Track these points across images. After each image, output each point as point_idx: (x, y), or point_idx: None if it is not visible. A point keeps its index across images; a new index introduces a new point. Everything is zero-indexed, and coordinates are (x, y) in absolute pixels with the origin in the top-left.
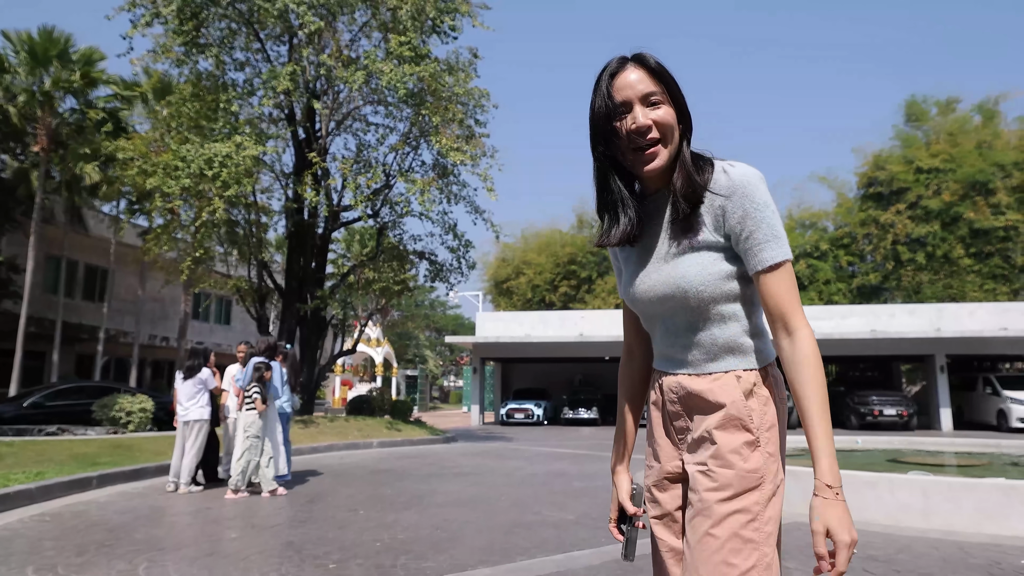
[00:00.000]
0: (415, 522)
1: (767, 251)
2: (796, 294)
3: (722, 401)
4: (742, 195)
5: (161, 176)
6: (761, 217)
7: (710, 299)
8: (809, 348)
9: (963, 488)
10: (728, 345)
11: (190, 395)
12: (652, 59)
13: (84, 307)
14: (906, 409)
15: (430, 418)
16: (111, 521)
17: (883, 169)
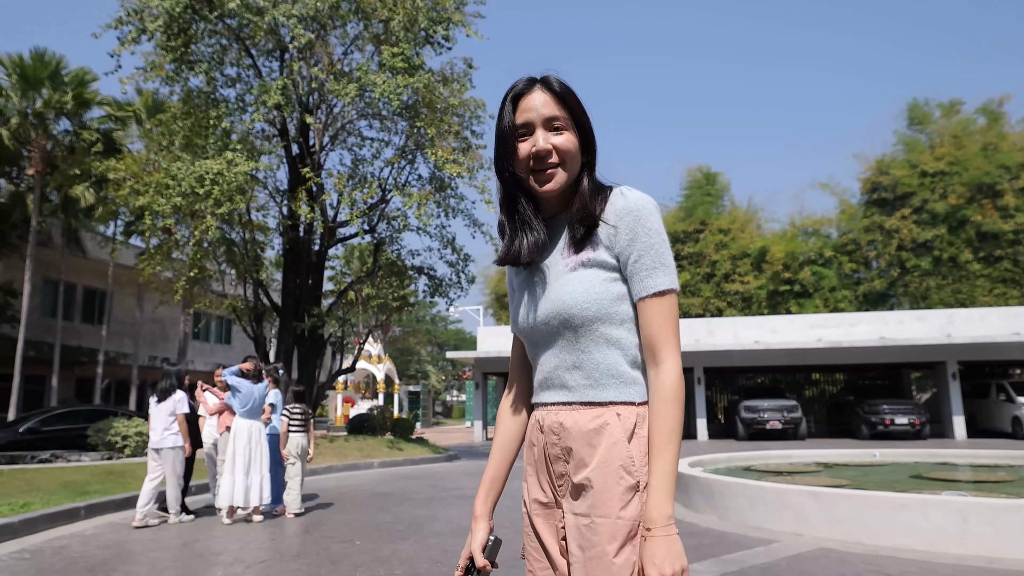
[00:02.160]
0: (413, 554)
1: (652, 278)
2: (674, 326)
3: (603, 446)
4: (634, 218)
5: (152, 195)
6: (650, 243)
7: (594, 318)
8: (671, 381)
9: (1005, 510)
10: (610, 372)
11: (164, 421)
12: (557, 83)
13: (83, 330)
14: (918, 418)
15: (433, 434)
16: (91, 558)
17: (886, 174)
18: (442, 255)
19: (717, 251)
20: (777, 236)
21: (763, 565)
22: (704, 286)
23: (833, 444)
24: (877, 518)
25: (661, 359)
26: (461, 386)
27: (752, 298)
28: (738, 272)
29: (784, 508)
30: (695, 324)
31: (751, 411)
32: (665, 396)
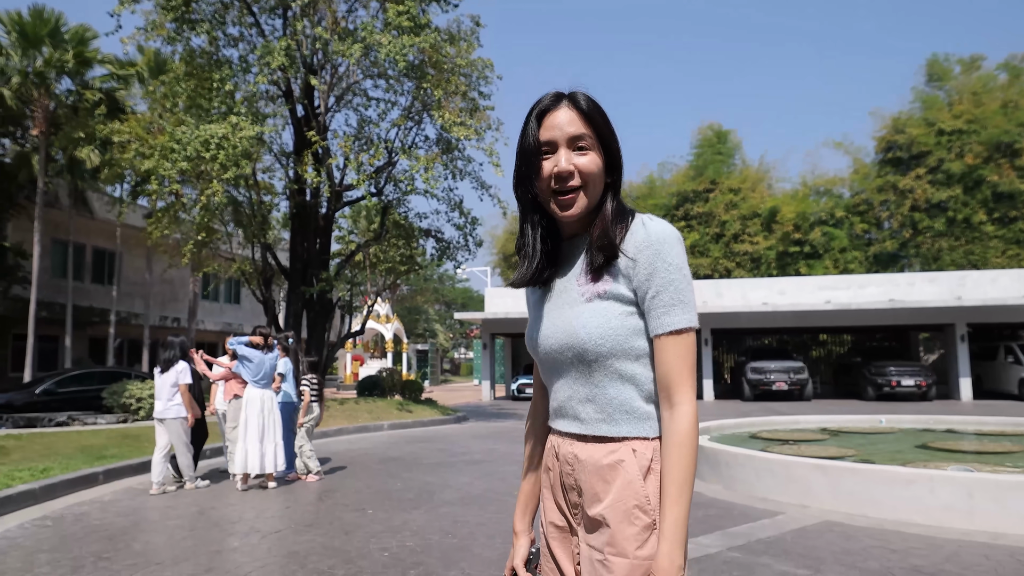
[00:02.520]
0: (424, 525)
1: (670, 315)
2: (690, 366)
3: (618, 484)
4: (654, 252)
5: (157, 159)
6: (670, 279)
7: (609, 354)
8: (686, 426)
9: (1011, 487)
10: (624, 407)
11: (168, 392)
12: (585, 100)
13: (94, 290)
14: (924, 380)
15: (441, 393)
16: (111, 526)
17: (902, 132)
18: (449, 218)
19: (727, 211)
20: (788, 196)
21: (769, 539)
22: (713, 246)
23: (839, 405)
24: (883, 492)
25: (676, 401)
26: (469, 344)
27: (761, 259)
28: (747, 232)
29: (790, 480)
30: (703, 286)
31: (758, 372)
32: (679, 441)
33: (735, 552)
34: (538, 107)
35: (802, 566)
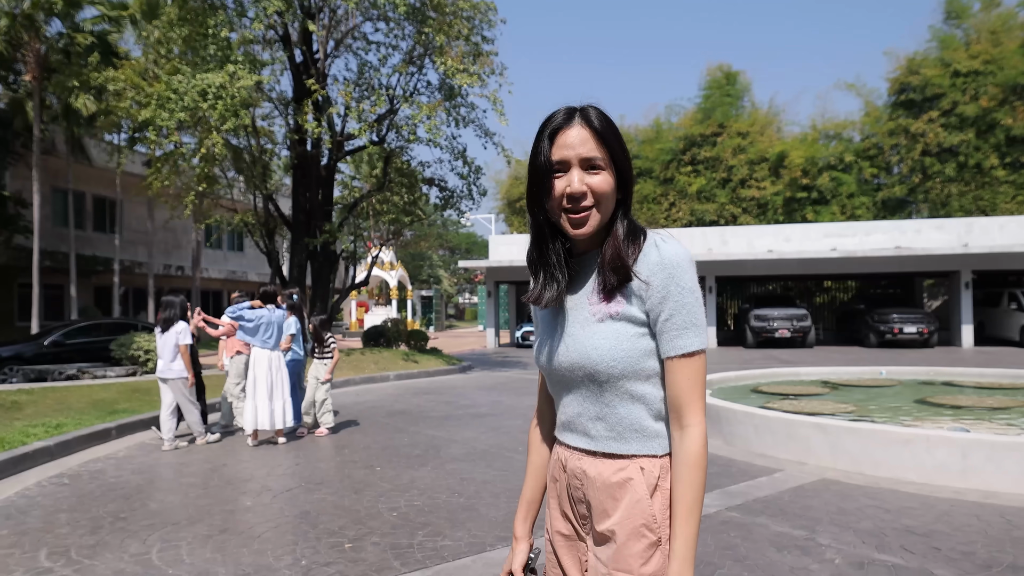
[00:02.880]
0: (431, 483)
1: (682, 338)
2: (701, 387)
3: (626, 501)
4: (668, 275)
5: (154, 108)
6: (683, 302)
7: (621, 375)
8: (696, 448)
9: (1004, 447)
10: (634, 426)
11: (170, 352)
12: (597, 117)
13: (96, 239)
14: (927, 327)
15: (446, 339)
16: (127, 484)
17: (917, 74)
18: (453, 167)
19: (734, 155)
20: (797, 140)
21: (766, 498)
22: (719, 192)
23: (840, 353)
24: (881, 452)
25: (686, 423)
26: (473, 289)
27: (768, 204)
28: (755, 178)
29: (790, 439)
30: (708, 232)
31: (761, 320)
32: (690, 462)
33: (733, 512)
34: (550, 125)
35: (798, 527)
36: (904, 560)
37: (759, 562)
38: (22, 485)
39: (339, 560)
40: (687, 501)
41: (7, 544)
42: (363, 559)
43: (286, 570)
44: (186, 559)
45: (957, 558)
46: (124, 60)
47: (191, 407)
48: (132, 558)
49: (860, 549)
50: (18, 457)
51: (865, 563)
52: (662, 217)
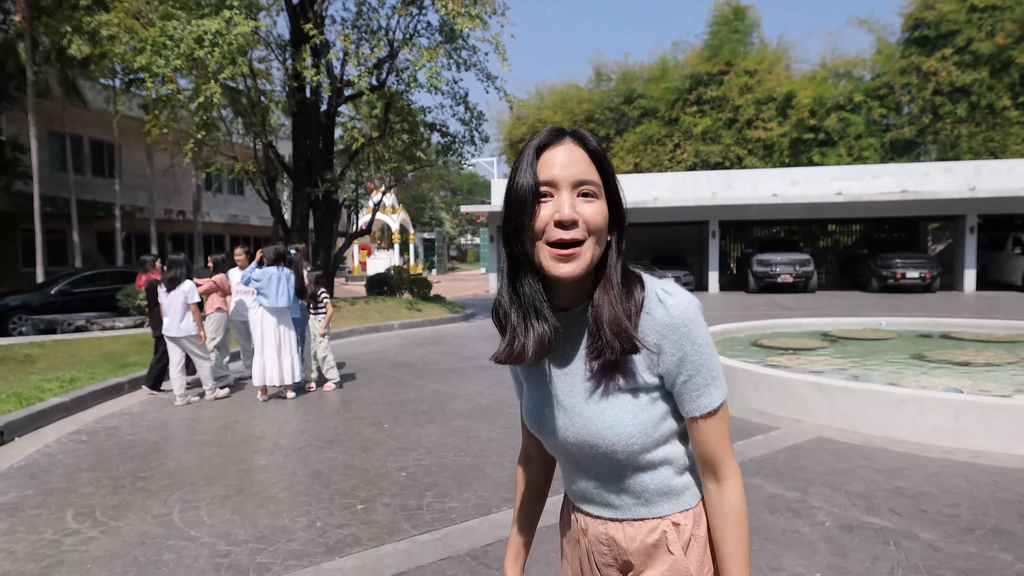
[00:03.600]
0: (438, 441)
1: (705, 397)
2: (727, 437)
3: (656, 564)
4: (681, 335)
5: (150, 54)
6: (702, 360)
7: (642, 450)
8: (736, 500)
9: (995, 409)
10: (661, 490)
11: (179, 311)
12: (593, 138)
13: (96, 183)
14: (929, 272)
15: (448, 283)
16: (143, 442)
17: (932, 8)
18: (454, 112)
19: (741, 95)
20: (806, 79)
21: (762, 457)
22: (725, 132)
23: (842, 298)
24: (875, 411)
25: (723, 476)
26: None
27: (774, 146)
28: (762, 118)
29: (788, 397)
30: (713, 176)
31: (763, 265)
32: (736, 516)
33: None
34: (536, 140)
35: (792, 488)
36: (892, 523)
37: (752, 525)
38: (42, 442)
39: (352, 522)
40: (739, 556)
41: (35, 504)
42: (375, 521)
43: (302, 532)
44: (206, 520)
45: (943, 521)
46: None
47: (203, 361)
48: (155, 519)
49: (850, 511)
50: (36, 413)
51: (854, 526)
52: (666, 159)
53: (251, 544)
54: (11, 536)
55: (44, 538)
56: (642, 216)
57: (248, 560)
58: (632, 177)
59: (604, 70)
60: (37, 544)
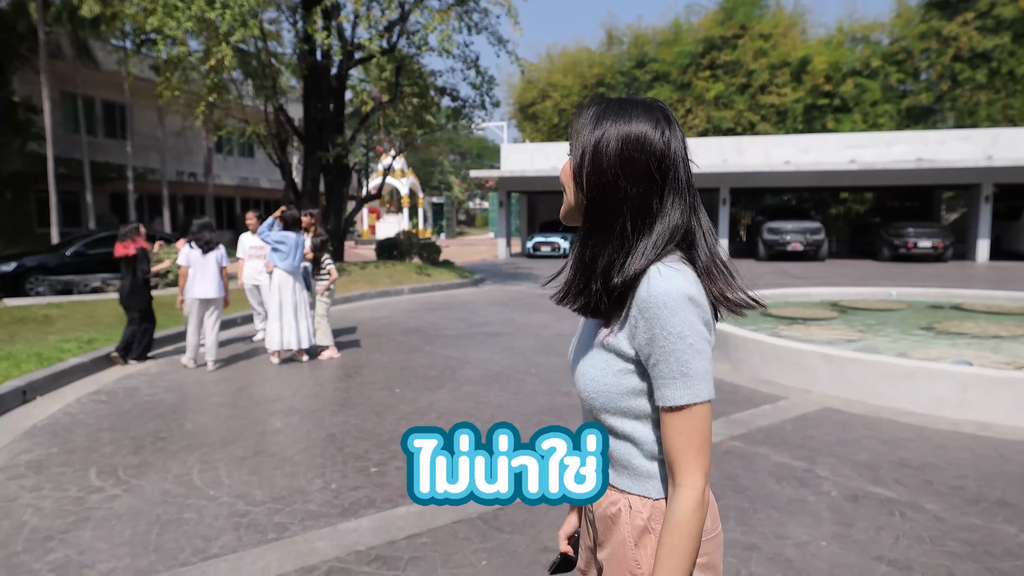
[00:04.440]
0: (448, 406)
1: (670, 390)
2: (695, 444)
3: (614, 538)
4: (654, 315)
5: (161, 15)
6: (671, 348)
7: (602, 409)
8: (680, 511)
9: (1002, 382)
10: (622, 462)
11: (214, 272)
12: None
13: (108, 145)
14: (942, 241)
15: (457, 248)
16: (161, 403)
17: None
18: (465, 76)
19: (755, 59)
20: (822, 43)
21: (769, 427)
22: (738, 98)
23: (853, 266)
24: (883, 383)
25: (678, 482)
26: (484, 195)
27: (788, 112)
28: (775, 84)
29: (796, 367)
30: (724, 142)
31: (774, 233)
32: (675, 527)
33: (736, 441)
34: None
35: (798, 457)
36: (897, 494)
37: (759, 493)
38: (64, 402)
39: (366, 484)
40: (668, 567)
41: (59, 462)
42: (388, 483)
43: (318, 493)
44: (225, 481)
45: (947, 492)
46: None
47: (217, 328)
48: (175, 479)
49: (856, 482)
50: (57, 373)
51: (859, 496)
52: None
53: (268, 504)
54: (38, 493)
55: (69, 495)
56: None
57: (266, 520)
58: None
59: (616, 33)
60: (63, 501)
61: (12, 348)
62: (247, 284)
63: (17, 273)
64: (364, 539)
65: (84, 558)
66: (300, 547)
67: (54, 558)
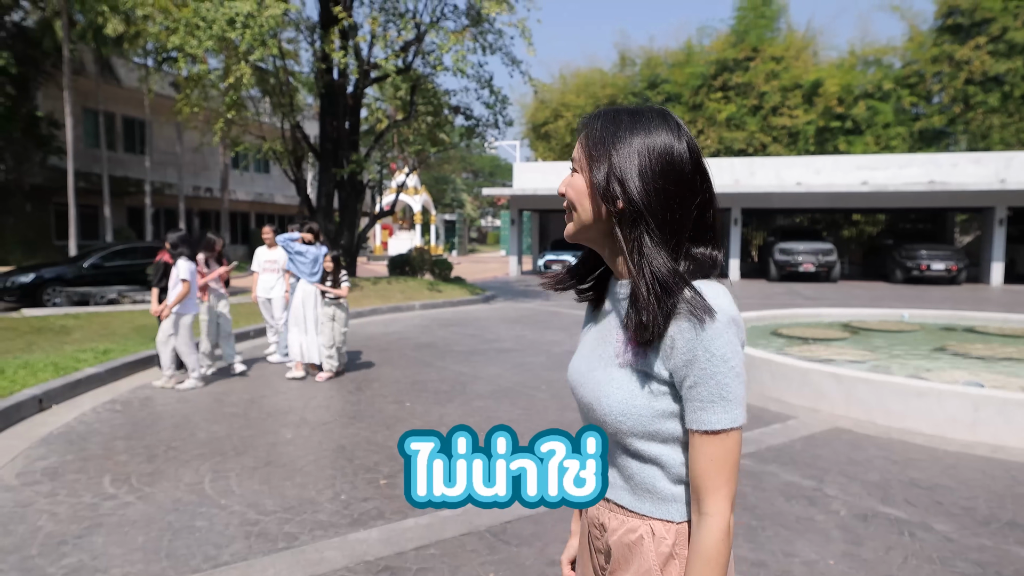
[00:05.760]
0: (458, 420)
1: (707, 413)
2: (728, 472)
3: (632, 568)
4: (695, 336)
5: (183, 34)
6: (712, 371)
7: (630, 433)
8: (708, 541)
9: (1016, 404)
10: (646, 486)
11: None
12: (585, 123)
13: (127, 160)
14: (955, 264)
15: (469, 265)
16: (175, 413)
17: None
18: (479, 95)
19: (767, 81)
20: (833, 66)
21: (779, 446)
22: (750, 119)
23: (865, 288)
24: (893, 402)
25: (705, 510)
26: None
27: (799, 134)
28: (787, 105)
29: (805, 386)
30: (736, 163)
31: (785, 253)
32: (703, 556)
33: (745, 460)
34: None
35: (807, 476)
36: (907, 514)
37: (767, 511)
38: (79, 410)
39: (375, 496)
40: None
41: (75, 469)
42: (397, 495)
43: (328, 504)
44: (236, 490)
45: (958, 513)
46: None
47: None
48: (187, 487)
49: (865, 501)
50: (73, 382)
51: (869, 515)
52: None
53: (279, 514)
54: (53, 499)
55: (84, 501)
56: None
57: (276, 529)
58: None
59: (629, 55)
60: (77, 507)
61: (29, 357)
62: (260, 297)
63: (35, 284)
64: (373, 549)
65: (97, 563)
66: (309, 556)
67: (68, 562)
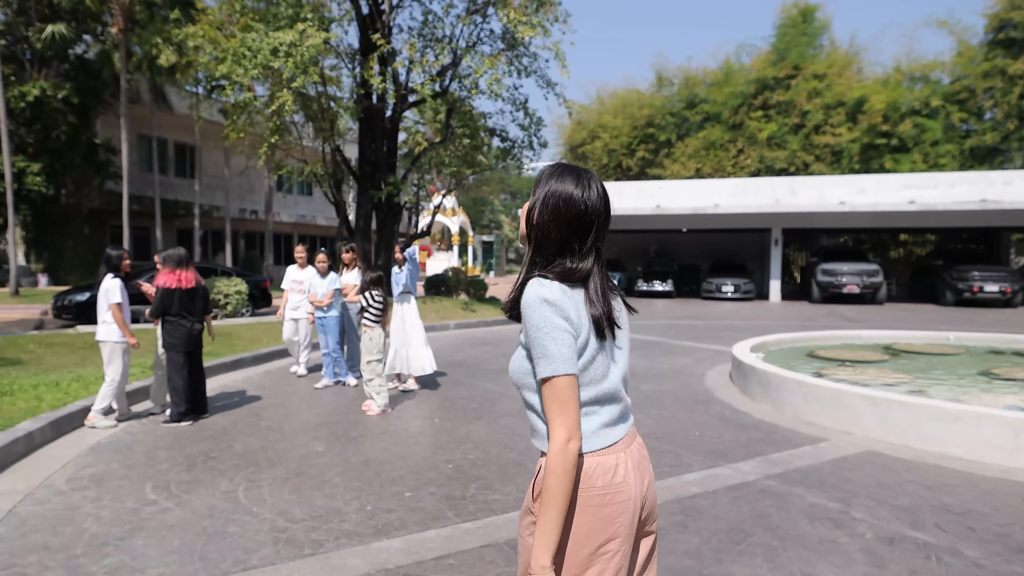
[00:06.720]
0: (485, 437)
1: (538, 366)
2: (558, 405)
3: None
4: (524, 313)
5: (230, 63)
6: (533, 337)
7: (517, 385)
8: (551, 456)
9: None
10: (534, 427)
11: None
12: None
13: (177, 184)
14: (1010, 286)
15: (506, 285)
16: (214, 425)
17: (1020, 9)
18: (514, 118)
19: (809, 99)
20: (878, 83)
21: (807, 468)
22: (791, 138)
23: (912, 311)
24: (929, 426)
25: (549, 436)
26: None
27: (843, 152)
28: (830, 123)
29: (838, 407)
30: (776, 182)
31: (828, 275)
32: (550, 467)
33: (772, 480)
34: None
35: (834, 499)
36: (935, 538)
37: (790, 532)
38: (126, 422)
39: (400, 508)
40: (545, 499)
41: (119, 476)
42: (421, 508)
43: (353, 514)
44: (268, 499)
45: (990, 539)
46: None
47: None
48: (222, 495)
49: (893, 525)
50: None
51: (895, 539)
52: (729, 164)
53: (307, 522)
54: (98, 503)
55: (126, 506)
56: (701, 223)
57: (304, 536)
58: (689, 183)
59: (666, 74)
60: (120, 511)
61: (83, 371)
62: (287, 316)
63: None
64: (394, 558)
65: (136, 563)
66: (333, 562)
67: (109, 562)
